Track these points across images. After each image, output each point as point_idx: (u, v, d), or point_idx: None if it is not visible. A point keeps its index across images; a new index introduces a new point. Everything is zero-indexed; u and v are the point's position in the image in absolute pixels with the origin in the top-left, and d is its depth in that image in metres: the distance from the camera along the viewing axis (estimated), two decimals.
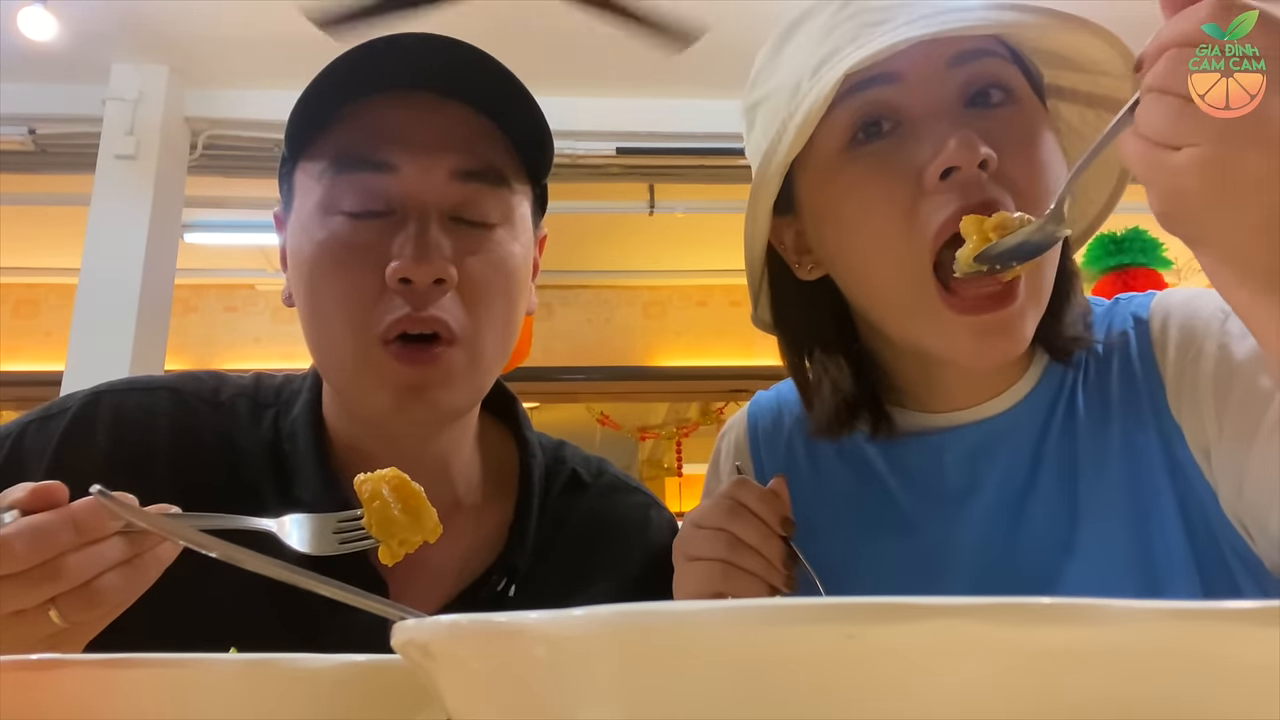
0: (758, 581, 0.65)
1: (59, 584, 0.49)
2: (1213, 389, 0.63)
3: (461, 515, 0.79)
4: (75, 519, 0.50)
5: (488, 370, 0.73)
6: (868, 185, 0.66)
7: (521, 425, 0.85)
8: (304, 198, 0.72)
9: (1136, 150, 0.48)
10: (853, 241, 0.68)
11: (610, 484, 0.88)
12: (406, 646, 0.26)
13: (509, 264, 0.72)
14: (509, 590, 0.76)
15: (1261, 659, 0.18)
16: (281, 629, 0.66)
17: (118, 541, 0.52)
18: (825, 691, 0.20)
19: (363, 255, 0.68)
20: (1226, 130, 0.44)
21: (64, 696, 0.34)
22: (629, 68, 3.51)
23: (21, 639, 0.50)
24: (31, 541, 0.49)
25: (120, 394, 0.76)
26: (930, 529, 0.73)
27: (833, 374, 0.76)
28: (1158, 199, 0.48)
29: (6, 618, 0.49)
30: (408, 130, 0.69)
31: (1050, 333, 0.70)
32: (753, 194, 0.70)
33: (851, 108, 0.66)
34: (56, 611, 0.50)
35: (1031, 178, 0.64)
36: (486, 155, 0.71)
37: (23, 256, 4.90)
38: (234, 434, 0.76)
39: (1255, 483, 0.60)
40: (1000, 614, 0.18)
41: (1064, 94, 0.72)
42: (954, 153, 0.61)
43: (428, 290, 0.67)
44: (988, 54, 0.66)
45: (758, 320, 0.82)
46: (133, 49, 3.37)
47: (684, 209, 4.39)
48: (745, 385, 5.36)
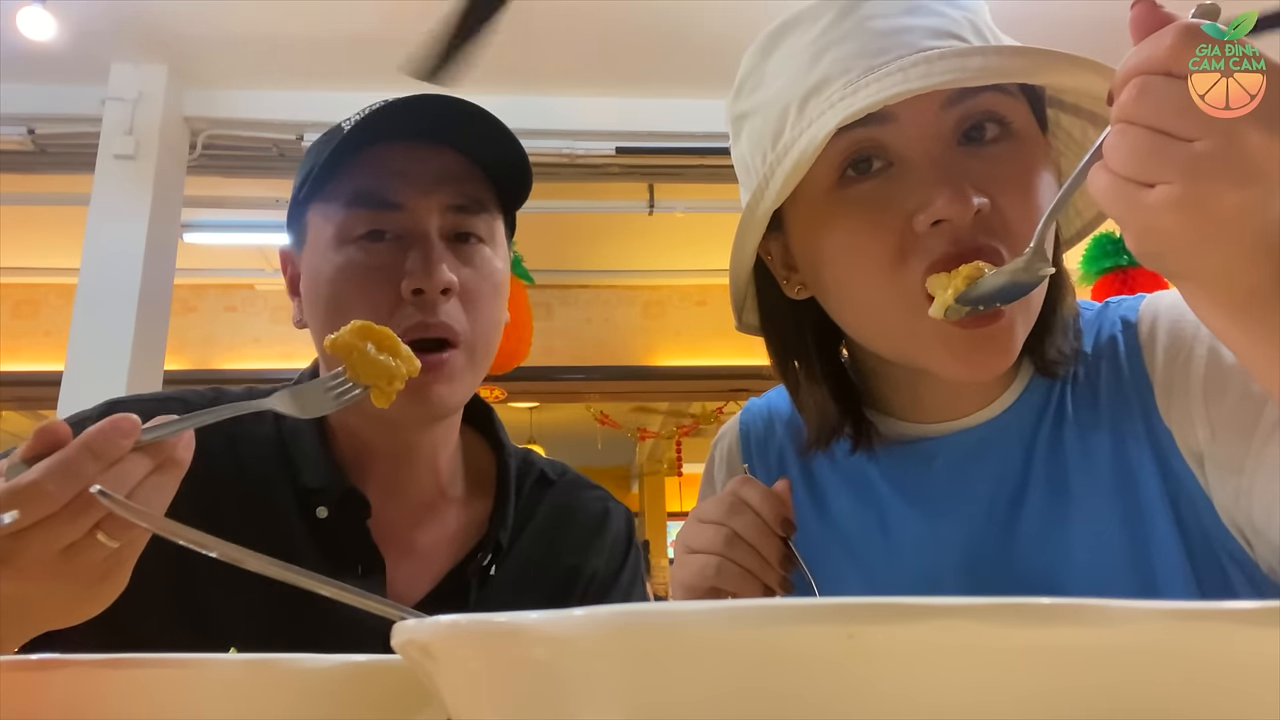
0: (751, 578, 0.66)
1: (97, 511, 0.53)
2: (1203, 392, 0.63)
3: (447, 504, 0.90)
4: (92, 447, 0.53)
5: (481, 369, 0.84)
6: (857, 228, 0.65)
7: (498, 431, 0.97)
8: (319, 232, 0.83)
9: (1107, 186, 0.46)
10: (843, 277, 0.68)
11: (572, 481, 1.00)
12: (406, 646, 0.26)
13: (495, 275, 0.85)
14: (491, 567, 0.86)
15: (1261, 659, 0.18)
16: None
17: (138, 457, 0.56)
18: (825, 691, 0.20)
19: (378, 274, 0.79)
20: (1199, 166, 0.42)
21: (64, 696, 0.34)
22: (629, 68, 3.51)
23: (83, 569, 0.55)
24: (61, 479, 0.52)
25: (133, 403, 0.81)
26: (922, 535, 0.73)
27: (817, 394, 0.76)
28: (1134, 239, 0.47)
29: (60, 554, 0.53)
30: (411, 173, 0.82)
31: (1038, 348, 0.70)
32: (739, 232, 0.69)
33: (841, 145, 0.64)
34: (104, 534, 0.54)
35: (1025, 218, 0.62)
36: (472, 191, 0.84)
37: (22, 256, 4.90)
38: (237, 436, 0.83)
39: (1252, 489, 0.59)
40: (1000, 614, 0.18)
41: (1065, 107, 0.71)
42: (945, 207, 0.60)
43: (436, 299, 0.78)
44: (985, 90, 0.64)
45: (743, 325, 0.82)
46: (132, 49, 3.37)
47: (683, 209, 4.39)
48: (745, 385, 5.37)
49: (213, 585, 0.75)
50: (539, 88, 3.50)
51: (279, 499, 0.81)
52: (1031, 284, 0.57)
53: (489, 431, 0.96)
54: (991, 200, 0.62)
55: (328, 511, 0.80)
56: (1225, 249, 0.44)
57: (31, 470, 0.52)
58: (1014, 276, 0.57)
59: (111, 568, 0.57)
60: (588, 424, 7.17)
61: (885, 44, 0.63)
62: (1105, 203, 0.47)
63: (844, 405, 0.76)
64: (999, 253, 0.62)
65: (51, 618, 0.59)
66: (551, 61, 3.34)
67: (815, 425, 0.77)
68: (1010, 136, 0.65)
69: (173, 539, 0.53)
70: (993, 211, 0.62)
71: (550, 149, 3.64)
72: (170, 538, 0.53)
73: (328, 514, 0.80)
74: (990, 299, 0.58)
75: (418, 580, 0.83)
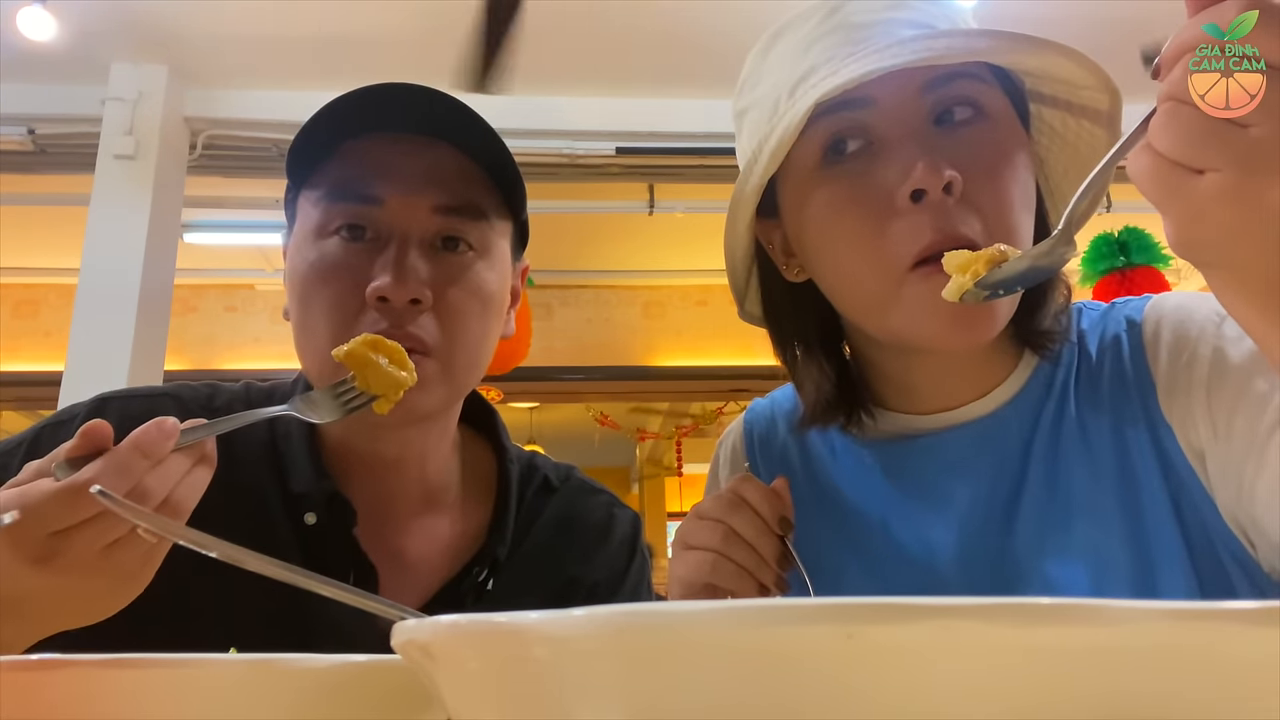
0: (746, 576, 0.66)
1: (150, 502, 0.56)
2: (1207, 392, 0.63)
3: (439, 513, 0.85)
4: (142, 447, 0.57)
5: (459, 381, 0.79)
6: (842, 203, 0.67)
7: (500, 435, 0.92)
8: (302, 222, 0.79)
9: (1151, 169, 0.43)
10: (831, 252, 0.70)
11: (577, 486, 0.95)
12: (406, 646, 0.26)
13: (484, 290, 0.78)
14: (488, 583, 0.82)
15: (1261, 659, 0.18)
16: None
17: (178, 457, 0.59)
18: (825, 691, 0.20)
19: (347, 274, 0.74)
20: (1255, 153, 0.40)
21: (64, 696, 0.34)
22: (629, 68, 3.51)
23: (124, 563, 0.57)
24: (117, 476, 0.55)
25: (125, 400, 0.81)
26: (922, 531, 0.73)
27: (814, 373, 0.77)
28: (1177, 226, 0.44)
29: (103, 550, 0.55)
30: (396, 167, 0.76)
31: (1027, 324, 0.71)
32: (731, 209, 0.72)
33: (826, 128, 0.67)
34: (144, 530, 0.55)
35: (996, 196, 0.64)
36: (467, 193, 0.77)
37: (23, 256, 4.90)
38: (230, 436, 0.78)
39: (1255, 489, 0.59)
40: (1000, 614, 0.18)
41: (1045, 100, 0.72)
42: (920, 176, 0.62)
43: (404, 309, 0.73)
44: (962, 77, 0.66)
45: (746, 315, 0.83)
46: (132, 49, 3.37)
47: (684, 209, 4.40)
48: (745, 385, 5.37)
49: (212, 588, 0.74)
50: (539, 88, 3.50)
51: (270, 503, 0.79)
52: (1052, 269, 0.56)
53: (491, 434, 0.92)
54: (963, 176, 0.63)
55: (316, 518, 0.78)
56: (1261, 239, 0.42)
57: (86, 469, 0.55)
58: (1035, 261, 0.55)
59: (145, 566, 0.59)
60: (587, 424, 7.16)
61: (867, 34, 0.67)
62: (1147, 187, 0.44)
63: (841, 384, 0.77)
64: (976, 231, 0.63)
65: (78, 613, 0.60)
66: (551, 61, 3.34)
67: (811, 400, 0.78)
68: (983, 119, 0.67)
69: (172, 539, 0.53)
70: (966, 188, 0.63)
71: (550, 149, 3.65)
72: (170, 538, 0.53)
73: (316, 520, 0.78)
74: (1011, 284, 0.56)
75: (411, 593, 0.80)
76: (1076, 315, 0.76)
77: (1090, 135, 0.71)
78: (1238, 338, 0.63)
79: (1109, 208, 3.21)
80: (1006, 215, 0.64)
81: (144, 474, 0.56)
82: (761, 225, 0.75)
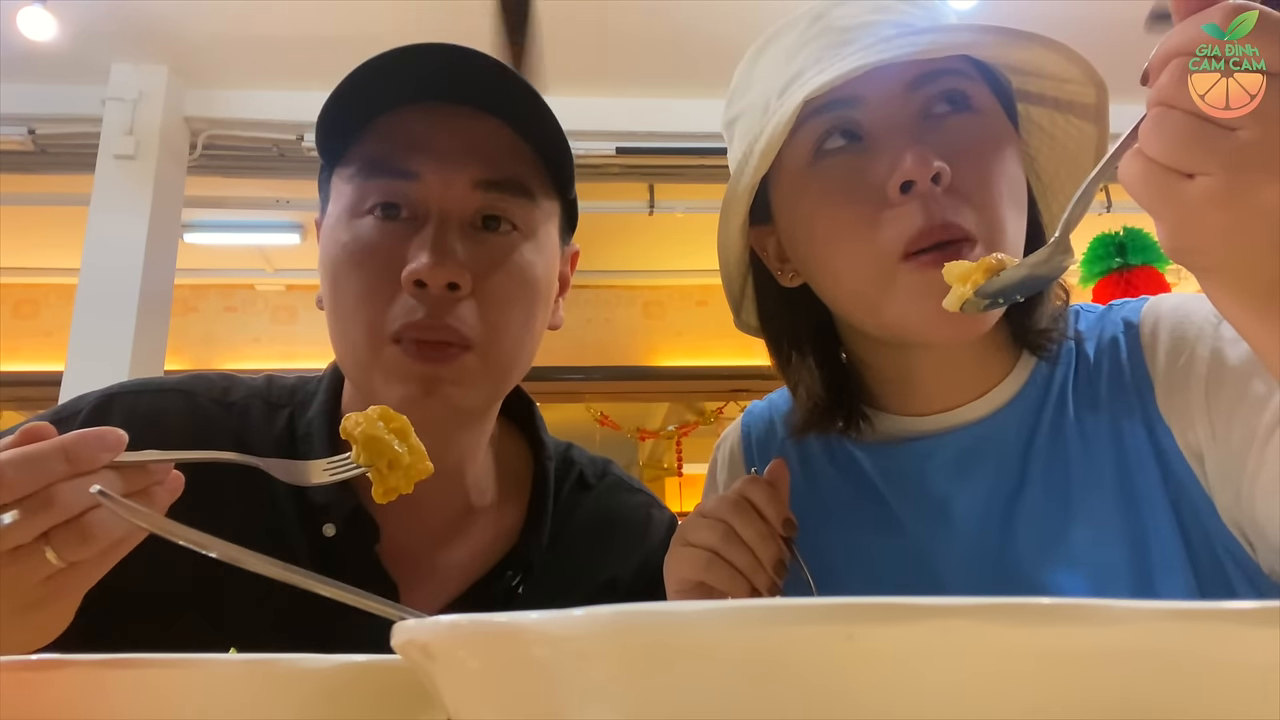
0: (740, 578, 0.66)
1: (52, 514, 0.48)
2: (1204, 393, 0.63)
3: (473, 518, 0.80)
4: (66, 449, 0.49)
5: (502, 376, 0.73)
6: (833, 197, 0.68)
7: (539, 429, 0.86)
8: (335, 202, 0.73)
9: (1141, 174, 0.43)
10: (824, 247, 0.70)
11: (613, 484, 0.90)
12: (406, 646, 0.26)
13: (528, 274, 0.72)
14: (519, 587, 0.77)
15: (1261, 659, 0.18)
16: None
17: (109, 475, 0.50)
18: (824, 691, 0.20)
19: (382, 257, 0.69)
20: (1243, 156, 0.40)
21: (64, 696, 0.34)
22: (629, 68, 3.51)
23: (20, 579, 0.49)
24: (23, 468, 0.47)
25: (132, 396, 0.76)
26: (921, 534, 0.73)
27: (807, 379, 0.78)
28: (1170, 231, 0.44)
29: (3, 556, 0.48)
30: (434, 140, 0.70)
31: (1023, 324, 0.71)
32: (723, 211, 0.72)
33: (816, 127, 0.68)
34: (52, 550, 0.49)
35: (985, 185, 0.65)
36: (510, 167, 0.72)
37: (23, 256, 4.90)
38: (245, 434, 0.76)
39: (1254, 490, 0.59)
40: (1000, 614, 0.18)
41: (1032, 98, 0.73)
42: (908, 168, 0.63)
43: (442, 295, 0.67)
44: (948, 73, 0.67)
45: (742, 324, 0.83)
46: (132, 49, 3.37)
47: (684, 209, 4.40)
48: (745, 385, 5.37)
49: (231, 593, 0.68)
50: (539, 88, 3.50)
51: (284, 510, 0.73)
52: (1050, 277, 0.56)
53: (529, 429, 0.86)
54: (951, 167, 0.63)
55: (335, 530, 0.72)
56: (1254, 242, 0.42)
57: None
58: (1033, 270, 0.55)
59: (48, 596, 0.50)
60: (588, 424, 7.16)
61: (852, 36, 0.68)
62: (1139, 192, 0.44)
63: (836, 389, 0.77)
64: (969, 239, 0.63)
65: None
66: (551, 61, 3.34)
67: (806, 406, 0.78)
68: (970, 112, 0.68)
69: (172, 539, 0.52)
70: (955, 178, 0.64)
71: None
72: (170, 538, 0.52)
73: (335, 532, 0.72)
74: (1009, 293, 0.56)
75: (435, 600, 0.74)
76: (1074, 317, 0.76)
77: (1079, 131, 0.71)
78: (1235, 339, 0.63)
79: (1109, 208, 3.21)
80: (996, 204, 0.65)
81: (58, 477, 0.48)
82: (755, 232, 0.76)
